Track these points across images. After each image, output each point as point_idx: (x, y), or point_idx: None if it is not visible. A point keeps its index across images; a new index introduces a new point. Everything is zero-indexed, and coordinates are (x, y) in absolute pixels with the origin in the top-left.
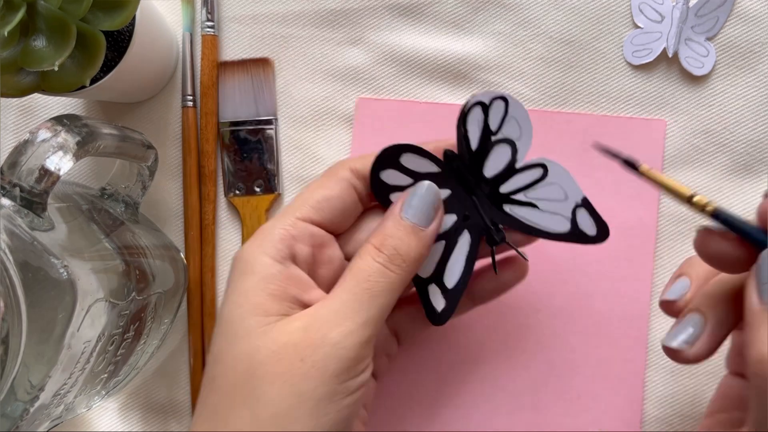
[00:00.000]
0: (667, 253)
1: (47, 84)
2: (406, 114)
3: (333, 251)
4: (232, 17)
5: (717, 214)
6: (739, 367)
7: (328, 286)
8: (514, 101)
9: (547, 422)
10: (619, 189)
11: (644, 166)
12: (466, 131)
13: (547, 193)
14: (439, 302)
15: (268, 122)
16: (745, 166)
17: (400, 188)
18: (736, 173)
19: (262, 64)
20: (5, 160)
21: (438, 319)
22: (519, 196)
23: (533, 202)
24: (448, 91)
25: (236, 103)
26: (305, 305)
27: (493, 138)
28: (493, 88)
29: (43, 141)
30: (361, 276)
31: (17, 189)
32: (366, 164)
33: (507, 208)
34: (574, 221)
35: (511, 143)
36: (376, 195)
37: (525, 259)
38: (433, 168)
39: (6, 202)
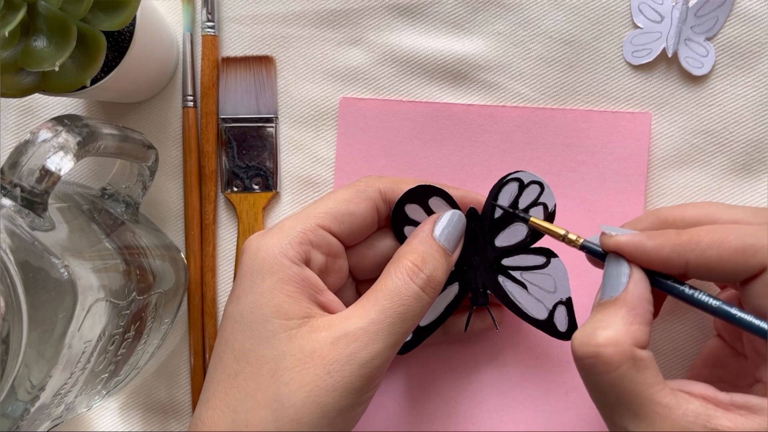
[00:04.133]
0: None
1: (48, 84)
2: (389, 113)
3: (343, 262)
4: (232, 17)
5: (583, 246)
6: (720, 330)
7: (334, 293)
8: (549, 191)
9: (535, 418)
10: (603, 184)
11: (532, 219)
12: (496, 199)
13: (540, 280)
14: None
15: (269, 120)
16: (744, 166)
17: (416, 223)
18: (736, 173)
19: (264, 61)
20: (6, 160)
21: (400, 349)
22: (515, 273)
23: (525, 283)
24: (448, 91)
25: (237, 100)
26: (321, 305)
27: (516, 214)
28: (493, 88)
29: (44, 141)
30: (398, 298)
31: (18, 189)
32: (395, 189)
33: (501, 278)
34: (552, 313)
35: (530, 227)
36: (393, 222)
37: (497, 328)
38: None
39: (7, 202)
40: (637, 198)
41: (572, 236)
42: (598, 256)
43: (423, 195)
